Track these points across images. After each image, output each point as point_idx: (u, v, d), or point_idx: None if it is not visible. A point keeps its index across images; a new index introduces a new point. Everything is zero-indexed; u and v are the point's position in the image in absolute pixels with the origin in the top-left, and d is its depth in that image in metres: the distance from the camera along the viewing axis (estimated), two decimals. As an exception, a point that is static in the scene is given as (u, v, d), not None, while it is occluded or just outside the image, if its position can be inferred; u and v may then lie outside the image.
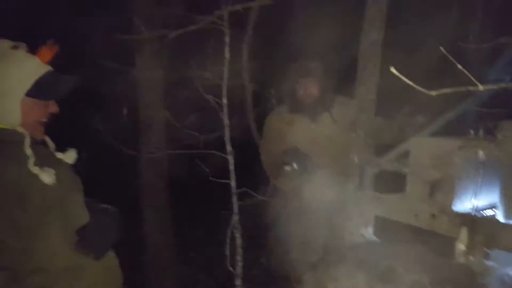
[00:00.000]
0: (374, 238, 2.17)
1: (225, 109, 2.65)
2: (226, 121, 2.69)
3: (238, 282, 2.60)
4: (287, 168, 2.64)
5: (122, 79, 3.40)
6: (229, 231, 2.67)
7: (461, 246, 1.70)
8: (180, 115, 3.11)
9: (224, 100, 2.63)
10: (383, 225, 2.35)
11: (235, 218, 2.70)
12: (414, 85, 0.82)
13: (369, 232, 2.27)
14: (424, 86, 0.87)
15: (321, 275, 1.70)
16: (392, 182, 2.25)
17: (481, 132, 2.00)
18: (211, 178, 2.80)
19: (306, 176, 2.69)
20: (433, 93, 0.85)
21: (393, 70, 0.82)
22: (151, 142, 3.49)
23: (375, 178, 2.29)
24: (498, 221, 1.80)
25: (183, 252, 4.02)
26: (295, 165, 2.62)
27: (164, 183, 3.57)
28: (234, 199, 2.72)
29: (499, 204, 1.87)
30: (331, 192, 2.82)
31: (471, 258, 1.71)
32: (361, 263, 1.56)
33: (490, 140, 1.81)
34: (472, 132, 2.27)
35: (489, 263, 1.95)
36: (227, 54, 2.59)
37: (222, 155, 2.72)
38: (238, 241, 2.69)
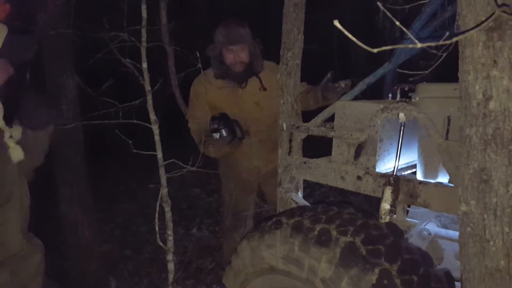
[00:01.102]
0: (305, 202, 2.21)
1: (146, 74, 2.44)
2: (147, 87, 2.48)
3: (169, 256, 2.51)
4: (216, 135, 2.56)
5: (23, 40, 2.93)
6: (158, 204, 2.54)
7: (385, 206, 1.79)
8: (94, 82, 2.80)
9: (144, 65, 2.41)
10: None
11: (164, 191, 2.57)
12: (357, 41, 0.78)
13: (299, 197, 2.31)
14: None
15: (256, 243, 1.69)
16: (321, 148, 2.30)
17: (398, 95, 2.10)
18: (135, 150, 2.61)
19: (235, 144, 2.63)
20: (375, 50, 0.82)
21: (336, 23, 0.76)
22: (62, 112, 3.12)
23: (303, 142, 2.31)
24: (417, 179, 1.93)
25: (108, 230, 3.80)
26: (223, 132, 2.54)
27: (80, 158, 3.25)
28: (162, 172, 2.58)
29: (418, 163, 2.01)
30: (263, 159, 2.81)
31: (395, 216, 1.82)
32: (295, 228, 1.57)
33: (409, 103, 1.90)
34: (390, 95, 2.38)
35: (410, 220, 2.12)
36: (144, 13, 2.35)
37: (146, 125, 2.53)
38: (168, 214, 2.58)
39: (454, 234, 2.11)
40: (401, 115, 1.81)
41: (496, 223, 1.27)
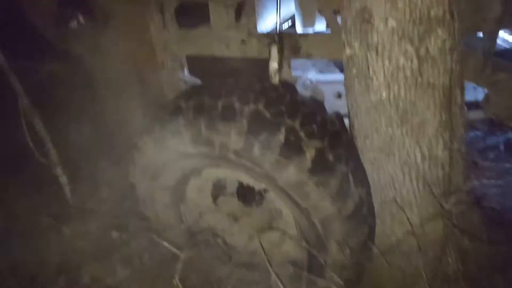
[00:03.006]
0: (195, 79, 2.10)
1: None
2: None
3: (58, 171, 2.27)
4: (72, 24, 2.10)
5: None
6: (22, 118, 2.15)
7: (274, 65, 1.79)
8: None
9: None
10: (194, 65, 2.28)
11: (24, 101, 2.15)
12: None
13: (187, 75, 2.18)
14: None
15: (158, 134, 1.59)
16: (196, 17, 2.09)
17: None
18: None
19: (98, 32, 2.22)
20: None
21: None
22: None
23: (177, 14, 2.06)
24: (298, 33, 1.95)
25: None
26: (80, 18, 2.10)
27: None
28: (13, 78, 2.12)
29: (296, 15, 1.99)
30: (131, 44, 2.47)
31: (282, 72, 1.86)
32: (197, 110, 1.49)
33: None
34: None
35: (294, 72, 2.19)
36: None
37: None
38: (39, 126, 2.23)
39: (331, 77, 2.30)
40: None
41: (378, 59, 1.37)
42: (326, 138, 1.45)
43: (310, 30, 2.00)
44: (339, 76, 2.28)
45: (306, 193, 1.42)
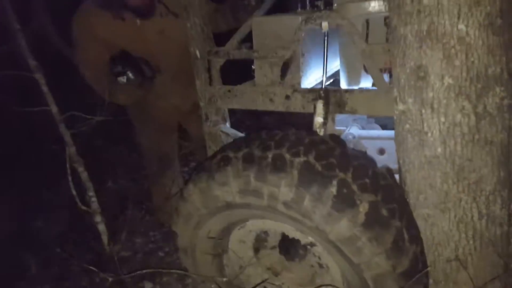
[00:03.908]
0: (237, 132, 2.14)
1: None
2: (15, 25, 1.99)
3: (98, 218, 2.28)
4: (122, 79, 2.23)
5: None
6: (68, 166, 2.22)
7: (319, 119, 1.82)
8: None
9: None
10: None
11: (71, 150, 2.23)
12: None
13: (229, 128, 2.22)
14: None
15: (205, 184, 1.59)
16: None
17: (320, 3, 2.04)
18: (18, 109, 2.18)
19: (146, 84, 2.35)
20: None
21: None
22: None
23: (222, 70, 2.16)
24: (343, 88, 1.98)
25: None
26: (130, 75, 2.23)
27: None
28: (63, 128, 2.21)
29: (341, 72, 2.04)
30: (180, 95, 2.59)
31: (327, 127, 1.88)
32: (246, 160, 1.50)
33: (330, 10, 1.86)
34: (308, 5, 2.29)
35: (338, 127, 2.21)
36: None
37: (26, 74, 2.08)
38: (83, 175, 2.28)
39: (373, 133, 2.29)
40: (325, 24, 1.76)
41: (433, 115, 1.37)
42: (379, 192, 1.41)
43: (355, 87, 2.03)
44: (381, 133, 2.28)
45: (358, 248, 1.36)
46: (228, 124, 2.27)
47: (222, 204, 1.57)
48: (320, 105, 1.82)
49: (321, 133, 1.83)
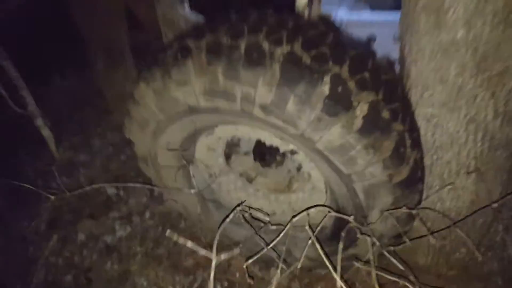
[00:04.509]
0: (199, 16, 1.71)
1: None
2: None
3: (39, 122, 1.94)
4: None
5: None
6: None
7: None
8: None
9: None
10: None
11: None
12: None
13: (188, 10, 1.77)
14: None
15: (160, 83, 1.25)
16: None
17: None
18: None
19: None
20: None
21: None
22: None
23: None
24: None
25: None
26: None
27: None
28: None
29: None
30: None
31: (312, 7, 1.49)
32: (212, 51, 1.14)
33: None
34: None
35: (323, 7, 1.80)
36: None
37: None
38: (13, 72, 1.85)
39: (365, 17, 1.91)
40: None
41: (461, -15, 1.02)
42: (381, 89, 1.13)
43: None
44: (374, 17, 1.90)
45: (351, 158, 1.12)
46: (187, 6, 1.81)
47: (183, 109, 1.25)
48: (304, -24, 1.41)
49: (305, 16, 1.46)
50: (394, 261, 1.15)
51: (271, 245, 1.12)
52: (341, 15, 1.87)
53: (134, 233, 2.04)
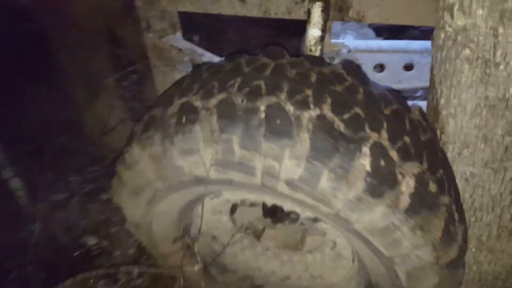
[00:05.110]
0: (194, 46, 1.50)
1: None
2: None
3: None
4: None
5: None
6: None
7: (315, 31, 1.26)
8: None
9: None
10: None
11: None
12: None
13: (182, 40, 1.56)
14: None
15: (160, 148, 1.04)
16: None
17: None
18: None
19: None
20: None
21: None
22: None
23: None
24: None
25: None
26: None
27: None
28: None
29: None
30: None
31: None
32: (224, 116, 0.94)
33: None
34: None
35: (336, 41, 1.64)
36: None
37: None
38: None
39: (372, 44, 1.76)
40: None
41: (520, 39, 0.88)
42: (424, 156, 0.97)
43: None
44: (381, 44, 1.76)
45: (395, 240, 0.96)
46: (180, 35, 1.60)
47: (188, 179, 1.04)
48: (317, 10, 1.24)
49: (318, 52, 1.29)
50: None
51: None
52: (349, 43, 1.71)
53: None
